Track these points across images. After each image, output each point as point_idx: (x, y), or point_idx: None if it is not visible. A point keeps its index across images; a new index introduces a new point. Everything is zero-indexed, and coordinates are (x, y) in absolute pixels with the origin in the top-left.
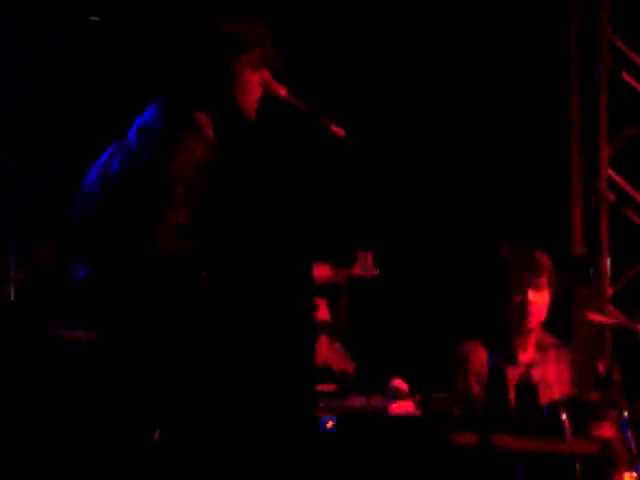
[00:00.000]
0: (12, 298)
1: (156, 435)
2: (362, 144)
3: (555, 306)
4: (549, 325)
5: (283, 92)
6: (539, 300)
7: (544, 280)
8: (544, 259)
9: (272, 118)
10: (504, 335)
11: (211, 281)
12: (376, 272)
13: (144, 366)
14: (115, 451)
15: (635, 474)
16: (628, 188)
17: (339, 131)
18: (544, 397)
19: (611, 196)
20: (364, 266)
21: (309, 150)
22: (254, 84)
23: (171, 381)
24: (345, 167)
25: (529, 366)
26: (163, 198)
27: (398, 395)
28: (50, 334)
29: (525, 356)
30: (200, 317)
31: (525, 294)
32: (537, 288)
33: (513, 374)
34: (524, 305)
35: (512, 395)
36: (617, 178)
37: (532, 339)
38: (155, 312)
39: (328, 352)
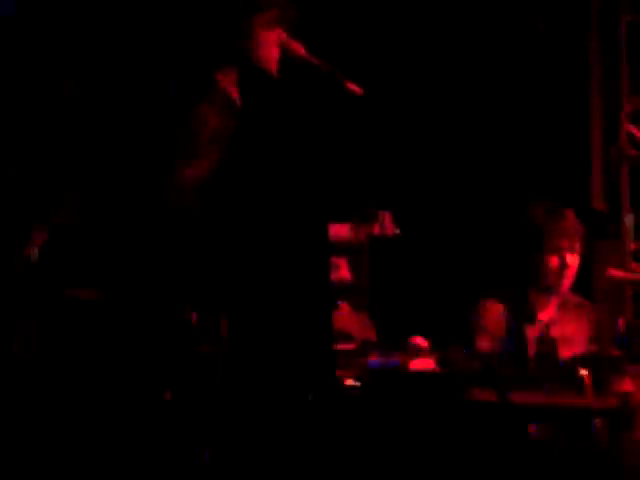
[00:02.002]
0: (36, 259)
1: (167, 394)
2: (381, 102)
3: None
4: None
5: (301, 50)
6: (573, 263)
7: (578, 244)
8: (578, 223)
9: (289, 77)
10: (529, 297)
11: (224, 243)
12: (396, 231)
13: (158, 324)
14: (126, 409)
15: None
16: None
17: (357, 89)
18: (563, 353)
19: (632, 151)
20: (384, 225)
21: (327, 109)
22: (271, 43)
23: (186, 343)
24: (364, 126)
25: (548, 324)
26: (173, 158)
27: (418, 352)
28: (67, 293)
29: (544, 315)
30: (214, 277)
31: (563, 258)
32: (573, 252)
33: (532, 333)
34: (562, 269)
35: (531, 352)
36: (638, 133)
37: (554, 298)
38: (167, 268)
39: (350, 320)
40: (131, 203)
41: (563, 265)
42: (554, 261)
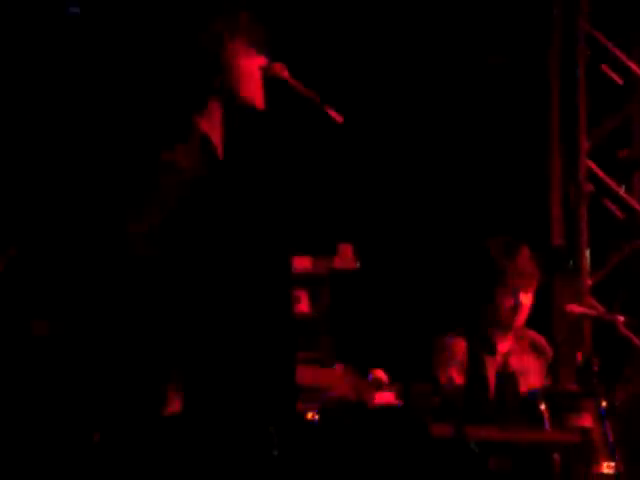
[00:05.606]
0: None
1: (96, 436)
2: (351, 135)
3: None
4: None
5: (284, 73)
6: (527, 301)
7: (534, 284)
8: (534, 262)
9: (272, 101)
10: (487, 329)
11: (189, 276)
12: (357, 264)
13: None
14: (54, 448)
15: (612, 463)
16: (607, 180)
17: (338, 117)
18: (522, 385)
19: (590, 187)
20: (345, 258)
21: (299, 137)
22: (253, 70)
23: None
24: (328, 158)
25: (507, 355)
26: (139, 201)
27: (379, 386)
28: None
29: (503, 346)
30: (175, 312)
31: (517, 298)
32: (527, 291)
33: (492, 363)
34: (515, 307)
35: (491, 384)
36: (596, 170)
37: (510, 332)
38: (125, 307)
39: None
40: (92, 242)
41: (517, 304)
42: (508, 301)
